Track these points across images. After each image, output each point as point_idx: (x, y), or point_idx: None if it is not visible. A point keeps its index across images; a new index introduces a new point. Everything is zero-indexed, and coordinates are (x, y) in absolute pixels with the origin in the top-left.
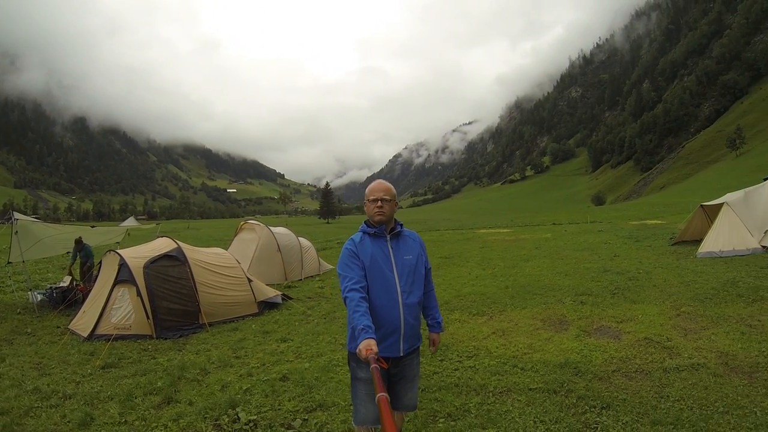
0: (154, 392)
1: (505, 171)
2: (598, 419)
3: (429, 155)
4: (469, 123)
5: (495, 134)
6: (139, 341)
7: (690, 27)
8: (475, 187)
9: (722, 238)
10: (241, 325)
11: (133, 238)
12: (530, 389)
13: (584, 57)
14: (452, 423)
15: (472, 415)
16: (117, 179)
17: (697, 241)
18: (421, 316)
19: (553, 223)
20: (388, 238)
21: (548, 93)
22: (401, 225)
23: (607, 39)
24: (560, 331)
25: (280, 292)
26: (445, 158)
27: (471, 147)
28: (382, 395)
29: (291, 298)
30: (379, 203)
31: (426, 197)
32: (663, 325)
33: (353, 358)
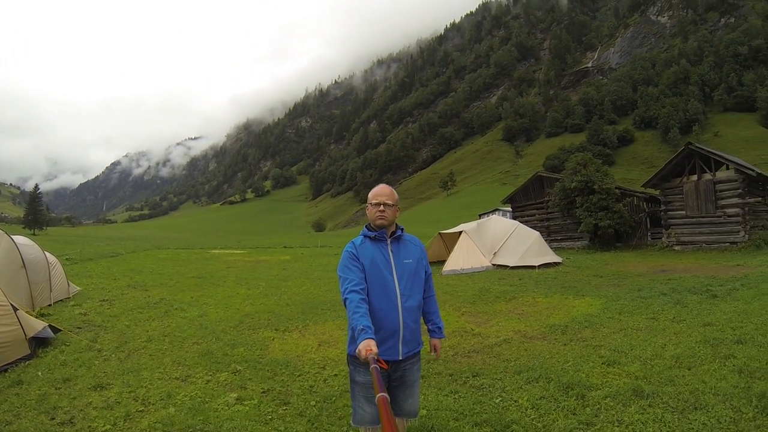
0: None
1: (225, 192)
2: (478, 382)
3: (149, 167)
4: (195, 138)
5: (219, 153)
6: None
7: (422, 84)
8: (193, 206)
9: (462, 258)
10: (23, 376)
11: None
12: None
13: (321, 90)
14: None
15: None
16: None
17: (437, 262)
18: (421, 321)
19: (285, 246)
20: (389, 242)
21: (279, 119)
22: (402, 229)
23: (346, 78)
24: None
25: (46, 323)
26: (165, 172)
27: (193, 163)
28: (381, 395)
29: (59, 330)
30: (381, 207)
31: (143, 212)
32: (458, 321)
33: (352, 361)
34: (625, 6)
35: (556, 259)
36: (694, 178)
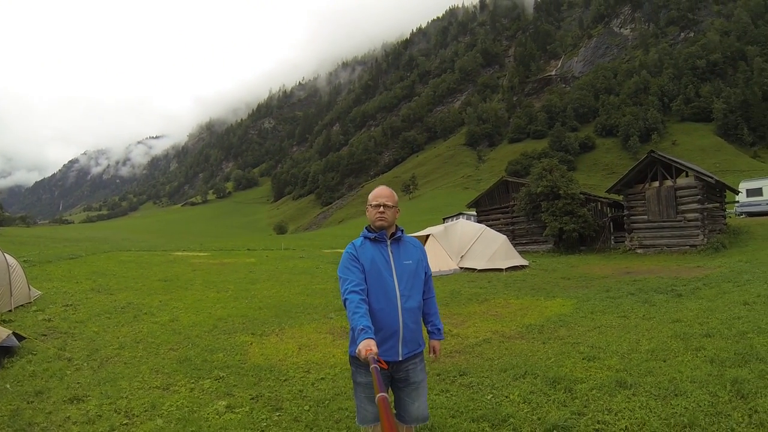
0: None
1: (186, 192)
2: (467, 381)
3: (109, 165)
4: (157, 137)
5: (181, 153)
6: None
7: (386, 87)
8: (153, 207)
9: (430, 261)
10: None
11: None
12: None
13: (285, 92)
14: None
15: None
16: None
17: None
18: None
19: (248, 249)
20: (389, 243)
21: (242, 120)
22: (402, 231)
23: (310, 80)
24: None
25: (10, 331)
26: (125, 171)
27: (154, 163)
28: (381, 395)
29: (24, 337)
30: (381, 209)
31: (101, 213)
32: None
33: (353, 361)
34: (590, 17)
35: (523, 262)
36: (656, 184)
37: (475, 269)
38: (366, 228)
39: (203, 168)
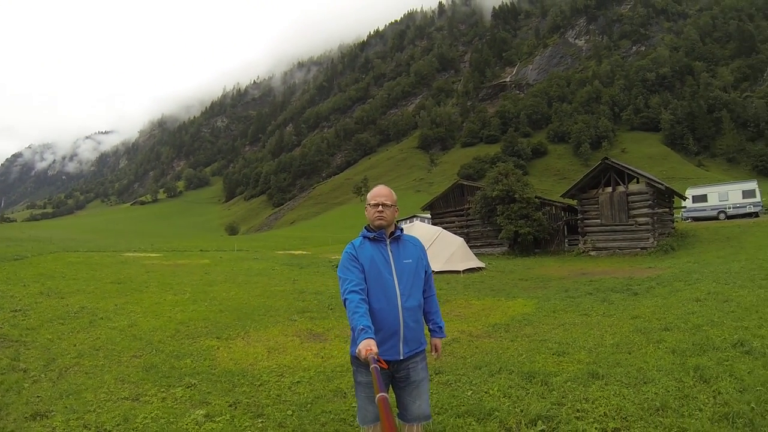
0: None
1: (136, 191)
2: (444, 379)
3: (55, 161)
4: (106, 132)
5: (131, 150)
6: None
7: (341, 89)
8: (101, 205)
9: None
10: None
11: None
12: None
13: (239, 90)
14: None
15: None
16: None
17: None
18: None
19: (201, 250)
20: (388, 242)
21: (195, 117)
22: (401, 230)
23: (265, 79)
24: (325, 341)
25: None
26: (72, 167)
27: (103, 159)
28: (381, 395)
29: None
30: (380, 208)
31: (45, 211)
32: None
33: (354, 361)
34: (546, 27)
35: (480, 264)
36: (609, 190)
37: (433, 271)
38: (365, 227)
39: (154, 166)
